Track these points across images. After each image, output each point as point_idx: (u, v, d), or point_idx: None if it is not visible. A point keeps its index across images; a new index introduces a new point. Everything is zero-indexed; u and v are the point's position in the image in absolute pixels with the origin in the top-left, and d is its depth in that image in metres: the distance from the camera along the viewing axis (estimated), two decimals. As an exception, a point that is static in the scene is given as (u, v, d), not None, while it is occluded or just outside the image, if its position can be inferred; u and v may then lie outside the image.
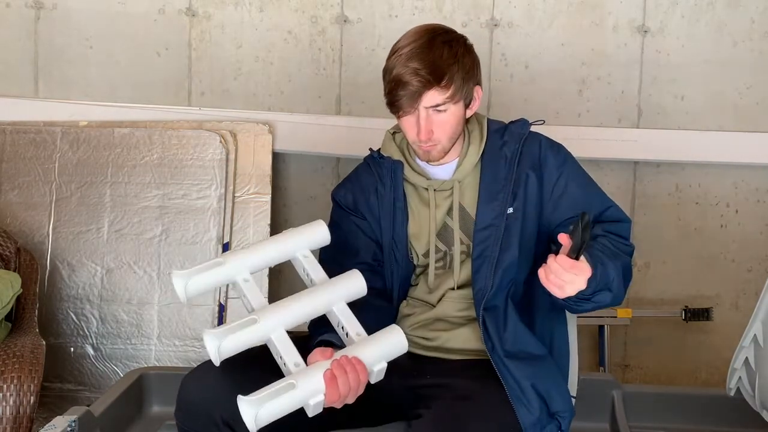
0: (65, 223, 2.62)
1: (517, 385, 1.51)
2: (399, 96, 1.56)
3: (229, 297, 2.57)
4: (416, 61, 1.55)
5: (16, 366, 1.98)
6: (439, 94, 1.56)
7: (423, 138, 1.59)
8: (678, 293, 2.69)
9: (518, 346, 1.56)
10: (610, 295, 1.48)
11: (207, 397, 1.46)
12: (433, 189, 1.66)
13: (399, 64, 1.57)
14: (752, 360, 1.72)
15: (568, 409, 1.55)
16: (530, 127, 1.69)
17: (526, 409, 1.49)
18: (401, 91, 1.55)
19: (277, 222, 2.74)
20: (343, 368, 1.34)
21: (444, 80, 1.55)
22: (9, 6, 2.74)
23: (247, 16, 2.71)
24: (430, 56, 1.56)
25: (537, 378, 1.52)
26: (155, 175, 2.63)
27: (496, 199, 1.62)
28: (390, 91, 1.58)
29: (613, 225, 1.63)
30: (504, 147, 1.66)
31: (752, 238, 2.68)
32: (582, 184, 1.67)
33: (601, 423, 2.22)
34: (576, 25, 2.64)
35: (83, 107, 2.72)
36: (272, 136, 2.67)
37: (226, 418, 1.43)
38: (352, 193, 1.76)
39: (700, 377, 2.72)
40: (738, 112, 2.63)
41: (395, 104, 1.58)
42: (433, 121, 1.58)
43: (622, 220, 1.66)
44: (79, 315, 2.59)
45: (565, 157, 1.68)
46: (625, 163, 2.67)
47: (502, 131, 1.69)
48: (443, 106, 1.57)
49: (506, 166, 1.64)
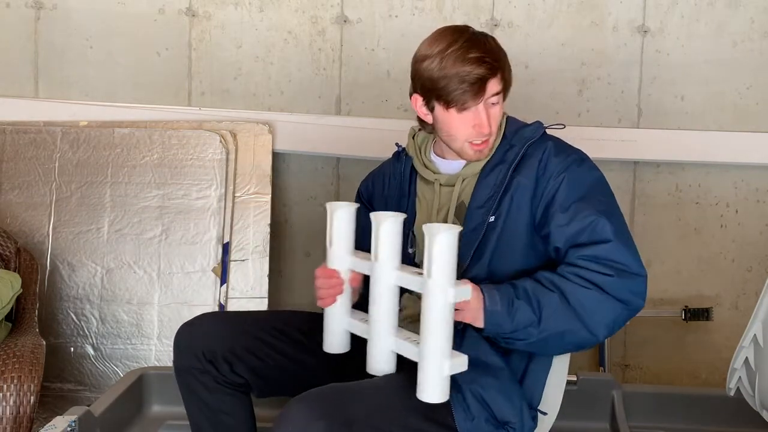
0: (65, 223, 2.62)
1: (456, 387, 1.48)
2: (461, 89, 1.54)
3: (229, 297, 2.57)
4: (477, 51, 1.54)
5: (16, 366, 1.98)
6: (498, 83, 1.57)
7: (485, 131, 1.57)
8: (678, 293, 2.69)
9: (472, 351, 1.49)
10: (538, 335, 1.45)
11: (193, 338, 1.65)
12: (439, 183, 1.68)
13: (453, 60, 1.53)
14: (752, 360, 1.72)
15: (519, 420, 1.52)
16: (542, 132, 1.64)
17: (463, 411, 1.48)
18: (464, 83, 1.53)
19: (277, 222, 2.74)
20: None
21: (502, 67, 1.56)
22: (9, 6, 2.74)
23: (247, 16, 2.71)
24: (486, 45, 1.57)
25: (482, 386, 1.49)
26: (155, 175, 2.63)
27: (483, 206, 1.60)
28: (447, 87, 1.54)
29: (591, 248, 1.48)
30: (509, 151, 1.63)
31: (752, 238, 2.68)
32: (573, 193, 1.54)
33: (601, 423, 2.22)
34: (576, 25, 2.64)
35: (83, 107, 2.72)
36: (272, 136, 2.67)
37: (207, 354, 1.63)
38: (372, 184, 1.82)
39: (700, 377, 2.72)
40: (738, 112, 2.63)
41: (455, 99, 1.55)
42: (489, 114, 1.58)
43: (603, 241, 1.48)
44: (79, 315, 2.59)
45: (569, 164, 1.57)
46: (625, 163, 2.67)
47: (513, 133, 1.65)
48: (499, 96, 1.58)
49: (503, 172, 1.60)
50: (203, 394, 1.66)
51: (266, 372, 1.66)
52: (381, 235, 1.44)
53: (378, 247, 1.45)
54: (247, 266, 2.59)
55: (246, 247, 2.60)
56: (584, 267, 1.48)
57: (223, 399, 1.67)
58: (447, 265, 1.34)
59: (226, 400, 1.67)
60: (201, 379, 1.65)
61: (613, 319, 1.49)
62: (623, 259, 1.49)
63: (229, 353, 1.63)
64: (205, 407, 1.67)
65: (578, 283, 1.47)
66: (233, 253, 2.60)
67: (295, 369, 1.68)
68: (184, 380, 1.67)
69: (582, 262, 1.48)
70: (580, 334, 1.48)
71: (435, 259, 1.34)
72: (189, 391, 1.67)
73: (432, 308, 1.35)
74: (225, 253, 2.59)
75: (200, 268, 2.59)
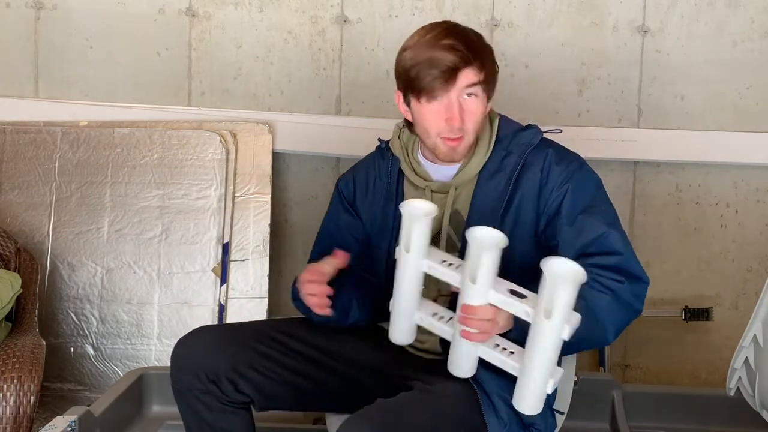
0: (65, 223, 2.62)
1: (487, 398, 1.48)
2: (431, 75, 1.47)
3: (229, 297, 2.57)
4: (450, 39, 1.48)
5: (16, 366, 1.98)
6: (474, 74, 1.49)
7: (456, 124, 1.50)
8: (678, 293, 2.69)
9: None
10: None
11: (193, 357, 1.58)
12: (430, 190, 1.62)
13: (425, 47, 1.49)
14: (752, 360, 1.73)
15: (542, 421, 1.52)
16: (541, 137, 1.59)
17: (495, 417, 1.47)
18: (434, 69, 1.47)
19: (277, 222, 2.74)
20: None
21: (480, 58, 1.49)
22: (9, 6, 2.74)
23: (247, 16, 2.71)
24: (463, 34, 1.51)
25: (507, 389, 1.47)
26: (155, 175, 2.63)
27: (488, 215, 1.54)
28: (418, 75, 1.48)
29: (602, 258, 1.48)
30: (507, 158, 1.57)
31: (752, 238, 2.68)
32: (579, 204, 1.52)
33: (601, 423, 2.23)
34: (576, 25, 2.64)
35: (83, 107, 2.72)
36: (272, 136, 2.67)
37: (209, 374, 1.56)
38: (354, 182, 1.74)
39: (700, 377, 2.72)
40: (738, 112, 2.63)
41: (425, 87, 1.49)
42: (464, 108, 1.50)
43: (615, 252, 1.49)
44: (79, 315, 2.59)
45: (572, 173, 1.55)
46: (625, 163, 2.67)
47: (510, 138, 1.60)
48: (476, 88, 1.50)
49: (504, 183, 1.55)
50: (205, 414, 1.60)
51: (269, 387, 1.61)
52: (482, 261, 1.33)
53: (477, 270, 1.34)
54: (247, 266, 2.60)
55: (246, 247, 2.60)
56: (598, 273, 1.47)
57: (224, 417, 1.61)
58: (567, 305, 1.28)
59: (228, 417, 1.62)
60: (203, 399, 1.59)
61: (623, 323, 1.50)
62: (632, 268, 1.51)
63: (233, 372, 1.58)
64: (207, 427, 1.61)
65: (596, 288, 1.46)
66: (233, 253, 2.60)
67: (299, 381, 1.64)
68: (185, 400, 1.61)
69: (595, 269, 1.46)
70: (595, 337, 1.48)
71: (556, 301, 1.26)
72: (190, 411, 1.62)
73: (542, 332, 1.30)
74: (225, 253, 2.59)
75: (200, 268, 2.59)
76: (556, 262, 1.25)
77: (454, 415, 1.45)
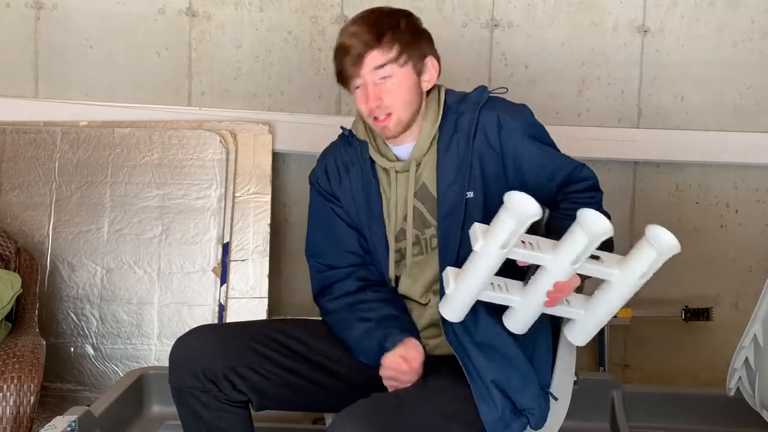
0: (65, 223, 2.62)
1: (481, 382, 1.51)
2: (343, 64, 1.56)
3: (229, 297, 2.57)
4: (355, 26, 1.57)
5: (16, 366, 1.98)
6: (381, 55, 1.55)
7: (372, 105, 1.56)
8: (678, 293, 2.69)
9: (487, 339, 1.54)
10: None
11: (191, 356, 1.60)
12: (395, 170, 1.65)
13: (339, 37, 1.59)
14: (752, 360, 1.73)
15: (536, 405, 1.54)
16: (488, 95, 1.64)
17: (488, 405, 1.50)
18: (344, 57, 1.56)
19: (277, 222, 2.74)
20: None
21: (384, 39, 1.55)
22: (9, 6, 2.74)
23: (247, 16, 2.71)
24: (369, 20, 1.58)
25: (502, 375, 1.51)
26: (155, 175, 2.63)
27: (455, 181, 1.59)
28: (336, 64, 1.59)
29: (578, 184, 1.63)
30: (459, 119, 1.62)
31: (752, 238, 2.68)
32: (541, 147, 1.63)
33: (601, 423, 2.23)
34: (576, 25, 2.64)
35: (83, 107, 2.72)
36: (272, 136, 2.67)
37: (207, 373, 1.57)
38: (326, 173, 1.75)
39: (700, 377, 2.72)
40: (738, 112, 2.63)
41: (341, 74, 1.58)
42: (382, 89, 1.56)
43: (589, 178, 1.64)
44: (79, 315, 2.59)
45: (523, 121, 1.63)
46: (625, 163, 2.67)
47: (458, 102, 1.64)
48: (387, 68, 1.55)
49: (463, 142, 1.60)
50: (203, 413, 1.61)
51: (268, 388, 1.62)
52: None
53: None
54: (247, 266, 2.59)
55: (246, 247, 2.60)
56: (578, 196, 1.61)
57: (222, 416, 1.62)
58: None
59: (226, 416, 1.62)
60: (201, 398, 1.60)
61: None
62: (596, 181, 1.67)
63: (231, 371, 1.58)
64: (204, 425, 1.62)
65: (588, 203, 1.52)
66: (233, 253, 2.60)
67: (297, 382, 1.64)
68: (182, 399, 1.62)
69: (576, 195, 1.61)
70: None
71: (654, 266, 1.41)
72: (187, 410, 1.62)
73: (627, 289, 1.42)
74: (225, 253, 2.59)
75: (200, 268, 2.59)
76: (664, 235, 1.36)
77: (448, 406, 1.49)
